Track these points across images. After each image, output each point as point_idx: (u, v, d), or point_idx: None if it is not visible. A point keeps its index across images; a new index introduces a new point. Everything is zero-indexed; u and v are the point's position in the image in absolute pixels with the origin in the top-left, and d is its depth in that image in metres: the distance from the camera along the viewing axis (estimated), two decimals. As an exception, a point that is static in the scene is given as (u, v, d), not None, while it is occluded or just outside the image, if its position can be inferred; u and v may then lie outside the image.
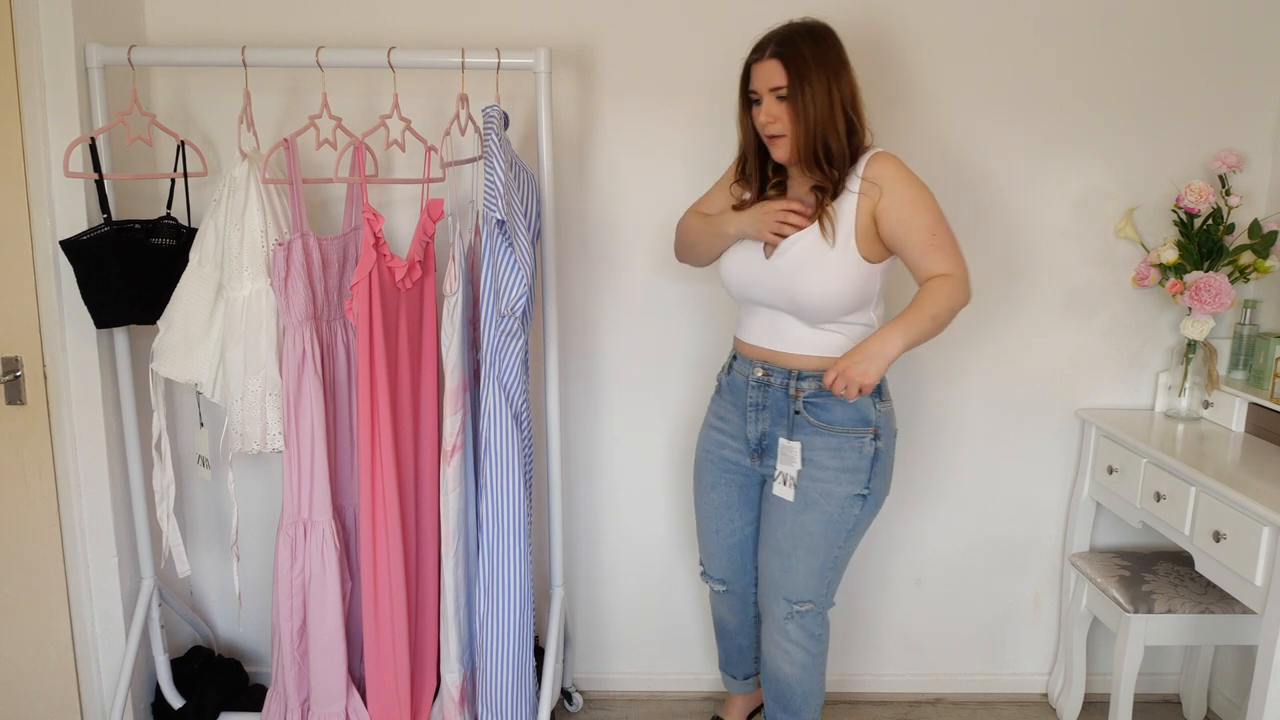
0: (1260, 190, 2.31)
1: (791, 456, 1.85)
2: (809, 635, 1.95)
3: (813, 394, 1.84)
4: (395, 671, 2.04)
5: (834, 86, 1.73)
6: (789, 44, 1.73)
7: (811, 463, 1.85)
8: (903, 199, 1.74)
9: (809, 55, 1.72)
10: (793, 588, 1.91)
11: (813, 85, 1.71)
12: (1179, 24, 2.24)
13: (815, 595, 1.92)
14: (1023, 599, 2.55)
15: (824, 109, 1.72)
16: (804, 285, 1.77)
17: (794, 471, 1.85)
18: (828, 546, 1.88)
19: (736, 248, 1.89)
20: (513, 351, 1.95)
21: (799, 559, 1.89)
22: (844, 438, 1.83)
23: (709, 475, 2.06)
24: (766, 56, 1.74)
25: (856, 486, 1.84)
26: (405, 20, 2.23)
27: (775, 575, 1.93)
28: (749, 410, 1.93)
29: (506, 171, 1.81)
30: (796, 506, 1.87)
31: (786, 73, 1.72)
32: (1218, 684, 2.49)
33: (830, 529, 1.86)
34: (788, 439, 1.86)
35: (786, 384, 1.86)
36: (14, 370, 2.06)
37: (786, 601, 1.93)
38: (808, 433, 1.85)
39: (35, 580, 2.15)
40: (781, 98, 1.74)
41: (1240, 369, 2.30)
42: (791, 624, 1.94)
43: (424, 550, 2.13)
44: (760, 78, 1.76)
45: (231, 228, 1.89)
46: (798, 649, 1.95)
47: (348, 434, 2.11)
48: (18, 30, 1.95)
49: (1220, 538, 1.86)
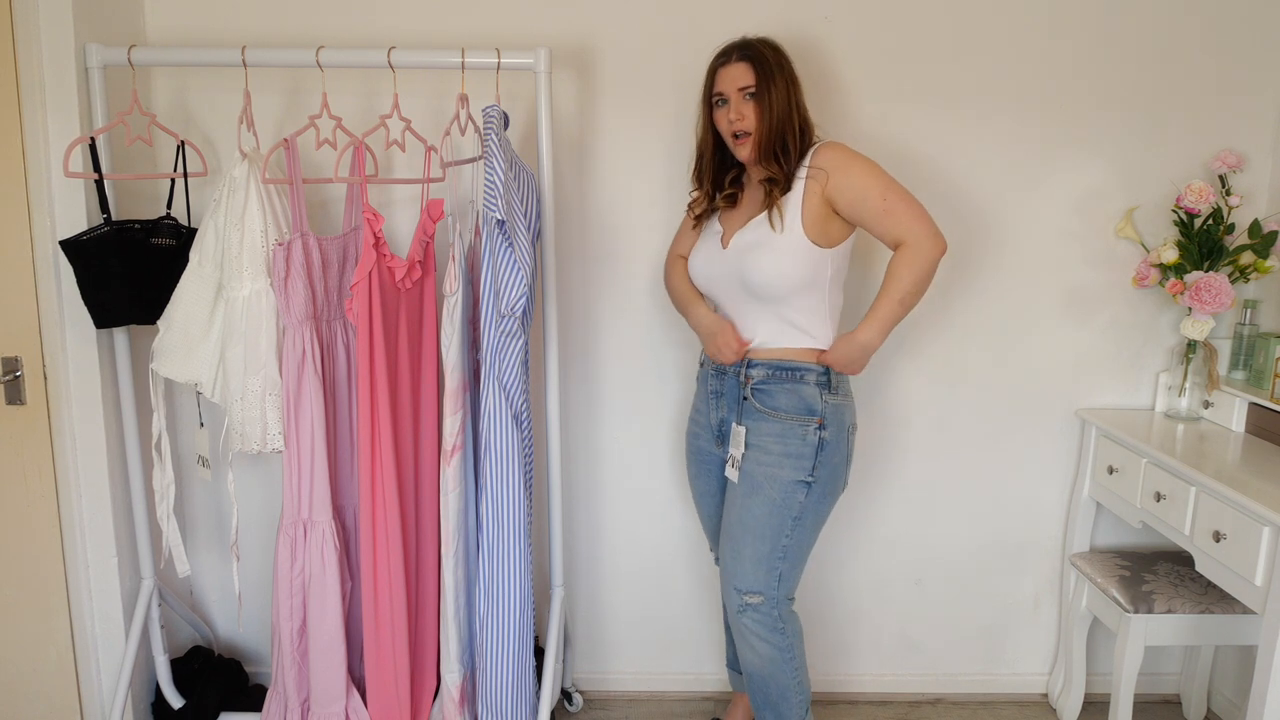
0: (1260, 190, 2.31)
1: (739, 440, 1.94)
2: (767, 629, 1.95)
3: (760, 381, 1.92)
4: (395, 671, 2.04)
5: (791, 90, 1.88)
6: (753, 49, 1.88)
7: (758, 447, 1.92)
8: (850, 174, 1.85)
9: (771, 59, 1.87)
10: (740, 576, 1.94)
11: (776, 85, 1.86)
12: (1179, 24, 2.24)
13: (764, 587, 1.93)
14: (1023, 599, 2.55)
15: (784, 108, 1.86)
16: (754, 264, 1.87)
17: (739, 454, 1.93)
18: (774, 533, 1.91)
19: (701, 244, 2.02)
20: (513, 351, 1.95)
21: (746, 544, 1.93)
22: (788, 424, 1.90)
23: (692, 466, 2.16)
24: (734, 60, 1.88)
25: (800, 473, 1.89)
26: (405, 20, 2.23)
27: (726, 563, 1.98)
28: (710, 398, 2.04)
29: (506, 171, 1.81)
30: (744, 490, 1.93)
31: (755, 72, 1.85)
32: (1218, 684, 2.49)
33: (774, 514, 1.90)
34: (737, 424, 1.95)
35: (738, 371, 1.96)
36: (14, 370, 2.06)
37: (737, 592, 1.95)
38: (755, 418, 1.93)
39: (35, 580, 2.15)
40: (751, 95, 1.86)
41: (1240, 369, 2.30)
42: (745, 617, 1.96)
43: (424, 550, 2.13)
44: (728, 79, 1.88)
45: (231, 228, 1.89)
46: (760, 642, 1.97)
47: (348, 434, 2.11)
48: (18, 30, 1.95)
49: (1220, 538, 1.86)
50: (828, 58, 2.25)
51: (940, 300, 2.37)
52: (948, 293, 2.37)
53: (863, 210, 1.84)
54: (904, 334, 2.38)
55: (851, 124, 2.28)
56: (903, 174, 2.29)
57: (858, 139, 2.27)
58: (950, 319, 2.38)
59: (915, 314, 2.36)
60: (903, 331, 2.38)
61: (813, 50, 2.24)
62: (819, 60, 2.24)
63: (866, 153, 2.29)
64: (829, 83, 2.26)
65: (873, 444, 2.45)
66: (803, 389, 1.90)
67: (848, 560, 2.52)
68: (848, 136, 2.26)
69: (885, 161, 2.28)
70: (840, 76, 2.26)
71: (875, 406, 2.43)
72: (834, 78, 2.26)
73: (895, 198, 1.82)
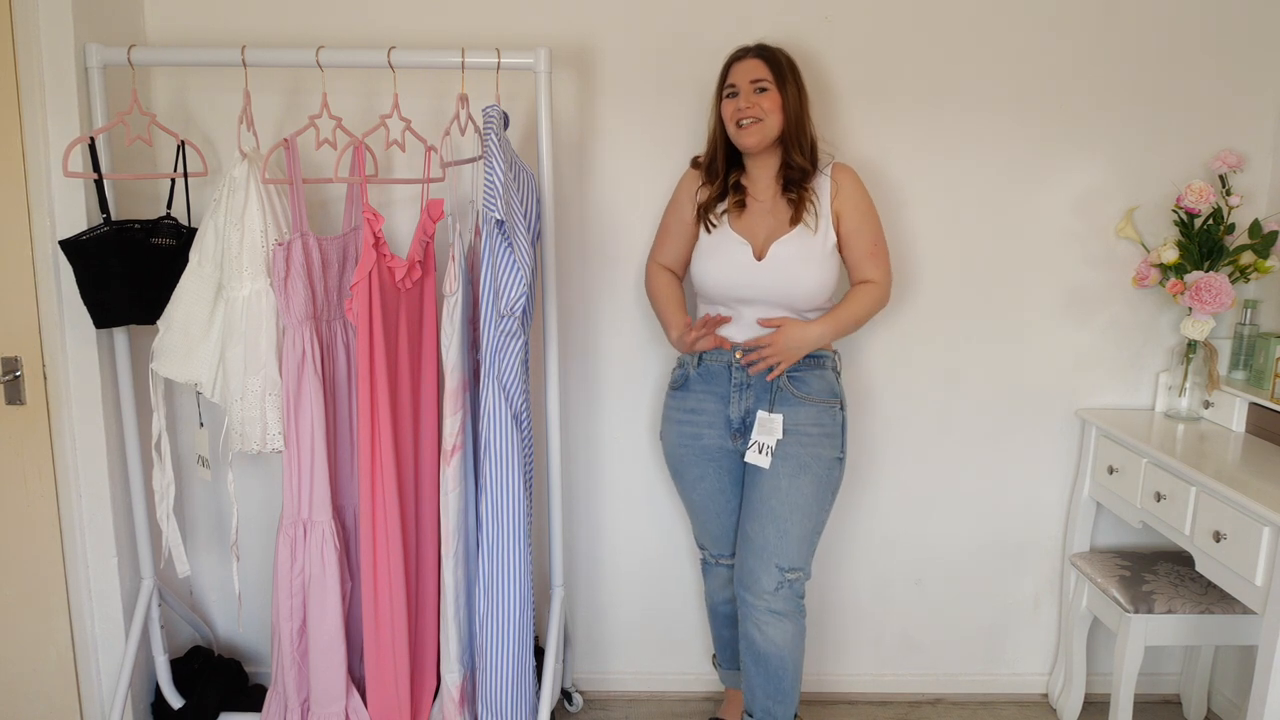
0: (1260, 190, 2.31)
1: (772, 427, 1.99)
2: (794, 606, 2.01)
3: (794, 369, 2.01)
4: (395, 671, 2.04)
5: (802, 96, 1.99)
6: (769, 51, 1.98)
7: (799, 432, 2.00)
8: (859, 208, 2.02)
9: (785, 64, 1.98)
10: (786, 554, 1.98)
11: (791, 85, 1.96)
12: (1179, 24, 2.24)
13: (804, 562, 2.02)
14: (1023, 599, 2.55)
15: (798, 107, 1.97)
16: (800, 280, 1.97)
17: (772, 441, 1.99)
18: (819, 510, 2.02)
19: (716, 251, 2.02)
20: (512, 351, 1.95)
21: (794, 523, 1.98)
22: (821, 407, 2.02)
23: (694, 468, 2.12)
24: (750, 56, 1.97)
25: (836, 450, 2.03)
26: (405, 20, 2.23)
27: (770, 543, 1.99)
28: (732, 392, 2.05)
29: (506, 172, 1.81)
30: (790, 471, 1.99)
31: (769, 69, 1.95)
32: (1218, 684, 2.49)
33: (821, 491, 2.01)
34: (768, 412, 2.00)
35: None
36: (14, 370, 2.06)
37: (779, 570, 1.98)
38: (791, 404, 2.01)
39: (35, 580, 2.15)
40: (761, 89, 1.94)
41: (1240, 369, 2.30)
42: (780, 594, 1.99)
43: (424, 550, 2.13)
44: (741, 72, 1.97)
45: (231, 228, 1.89)
46: (787, 621, 2.00)
47: (348, 434, 2.11)
48: (18, 30, 1.95)
49: (1220, 538, 1.86)
50: (828, 58, 2.25)
51: (940, 300, 2.37)
52: (948, 293, 2.37)
53: (855, 240, 2.01)
54: (904, 334, 2.39)
55: (851, 124, 2.28)
56: (903, 174, 2.31)
57: (858, 139, 2.28)
58: (951, 319, 2.38)
59: (915, 313, 2.37)
60: (903, 331, 2.38)
61: (812, 51, 2.24)
62: (819, 60, 2.24)
63: (866, 152, 2.32)
64: (829, 83, 2.26)
65: (873, 444, 2.45)
66: (826, 374, 2.04)
67: (848, 560, 2.52)
68: (848, 136, 2.27)
69: (885, 161, 2.30)
70: (840, 77, 2.26)
71: (875, 406, 2.43)
72: (834, 78, 2.26)
73: (882, 247, 2.05)
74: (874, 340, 2.39)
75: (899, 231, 2.32)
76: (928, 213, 2.32)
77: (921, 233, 2.33)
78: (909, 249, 2.34)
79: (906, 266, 2.35)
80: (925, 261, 2.35)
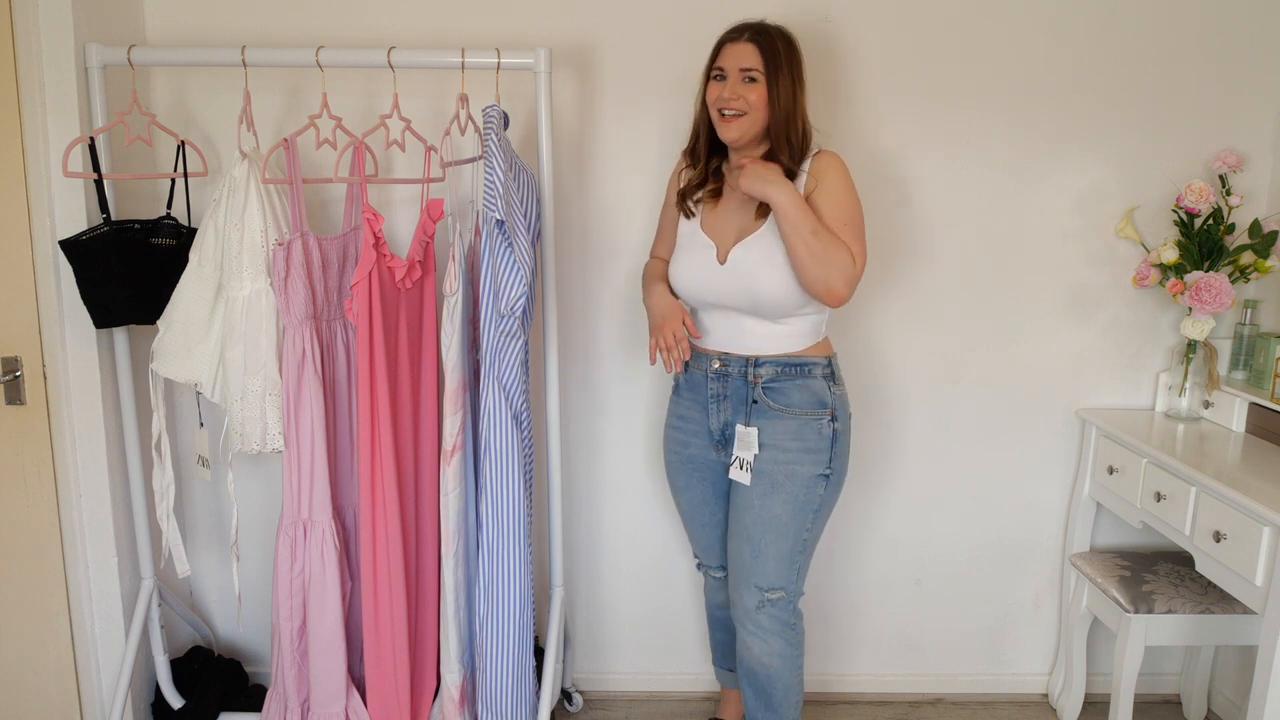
0: (1260, 190, 2.31)
1: (749, 442, 1.89)
2: (784, 624, 1.95)
3: (770, 379, 1.89)
4: (395, 671, 2.04)
5: (796, 89, 1.84)
6: (767, 35, 1.82)
7: (774, 446, 1.89)
8: (830, 191, 1.82)
9: (782, 51, 1.82)
10: (763, 575, 1.92)
11: (782, 77, 1.81)
12: (1179, 24, 2.24)
13: (785, 582, 1.93)
14: (1023, 599, 2.55)
15: (789, 102, 1.82)
16: (763, 284, 1.82)
17: (750, 456, 1.90)
18: (796, 530, 1.90)
19: (684, 255, 1.94)
20: (512, 351, 1.95)
21: (768, 543, 1.90)
22: (803, 420, 1.88)
23: (681, 476, 2.09)
24: (744, 39, 1.82)
25: (819, 467, 1.89)
26: (405, 20, 2.23)
27: (745, 563, 1.94)
28: (710, 403, 1.97)
29: (506, 172, 1.81)
30: (762, 490, 1.89)
31: (762, 58, 1.80)
32: (1218, 684, 2.49)
33: (796, 511, 1.89)
34: (745, 425, 1.91)
35: (744, 371, 1.91)
36: (14, 370, 2.06)
37: (758, 590, 1.93)
38: (768, 417, 1.89)
39: (35, 580, 2.15)
40: (750, 79, 1.81)
41: (1240, 369, 2.30)
42: (764, 614, 1.94)
43: (424, 550, 2.13)
44: (732, 57, 1.83)
45: (231, 228, 1.89)
46: (774, 638, 1.95)
47: (348, 434, 2.11)
48: (18, 30, 1.95)
49: (1220, 538, 1.86)
50: (827, 58, 2.25)
51: (940, 300, 2.37)
52: (948, 292, 2.37)
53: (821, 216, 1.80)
54: (904, 333, 2.39)
55: (851, 124, 2.27)
56: (903, 174, 2.30)
57: (857, 140, 2.27)
58: (951, 319, 2.38)
59: (916, 313, 2.37)
60: (903, 330, 2.38)
61: (812, 51, 2.23)
62: (818, 61, 2.24)
63: (865, 152, 2.29)
64: (829, 83, 2.25)
65: (873, 444, 2.45)
66: (812, 383, 1.90)
67: (848, 560, 2.52)
68: (847, 137, 2.27)
69: (885, 161, 2.30)
70: (840, 77, 2.26)
71: (875, 406, 2.43)
72: (833, 78, 2.26)
73: (851, 233, 1.81)
74: (874, 339, 2.39)
75: (898, 231, 2.32)
76: (928, 213, 2.32)
77: (921, 232, 2.33)
78: (909, 249, 2.34)
79: (906, 266, 2.35)
80: (925, 261, 2.35)
